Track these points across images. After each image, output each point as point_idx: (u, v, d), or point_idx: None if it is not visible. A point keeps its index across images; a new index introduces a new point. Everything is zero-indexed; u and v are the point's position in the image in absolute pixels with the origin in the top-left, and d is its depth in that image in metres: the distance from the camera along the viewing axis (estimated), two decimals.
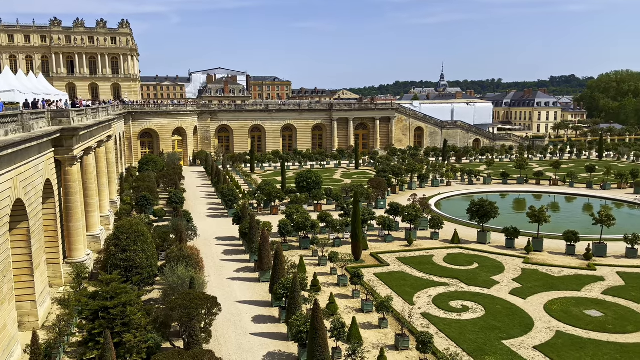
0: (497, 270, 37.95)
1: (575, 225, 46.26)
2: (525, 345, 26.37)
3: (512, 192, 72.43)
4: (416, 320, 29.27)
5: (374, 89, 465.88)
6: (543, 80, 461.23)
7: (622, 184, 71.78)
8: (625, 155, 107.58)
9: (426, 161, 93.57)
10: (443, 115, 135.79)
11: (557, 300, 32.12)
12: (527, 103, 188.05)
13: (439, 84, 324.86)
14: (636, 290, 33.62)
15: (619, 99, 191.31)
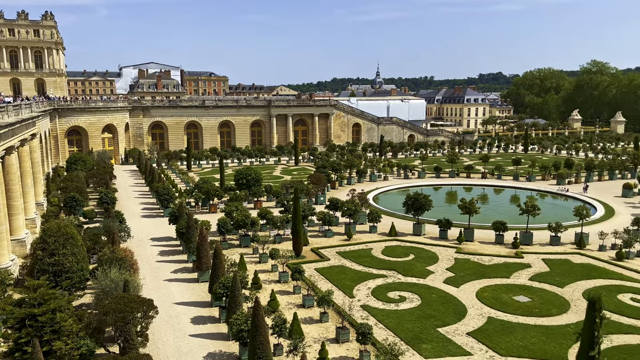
0: (432, 260, 39.36)
1: (504, 216, 48.74)
2: (459, 332, 27.55)
3: (445, 185, 75.26)
4: (356, 312, 29.80)
5: (312, 86, 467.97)
6: (472, 78, 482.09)
7: (546, 176, 76.44)
8: (548, 149, 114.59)
9: (364, 156, 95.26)
10: (379, 111, 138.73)
11: (488, 287, 33.77)
12: (458, 100, 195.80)
13: (375, 81, 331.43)
14: (560, 276, 35.96)
15: (542, 95, 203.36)
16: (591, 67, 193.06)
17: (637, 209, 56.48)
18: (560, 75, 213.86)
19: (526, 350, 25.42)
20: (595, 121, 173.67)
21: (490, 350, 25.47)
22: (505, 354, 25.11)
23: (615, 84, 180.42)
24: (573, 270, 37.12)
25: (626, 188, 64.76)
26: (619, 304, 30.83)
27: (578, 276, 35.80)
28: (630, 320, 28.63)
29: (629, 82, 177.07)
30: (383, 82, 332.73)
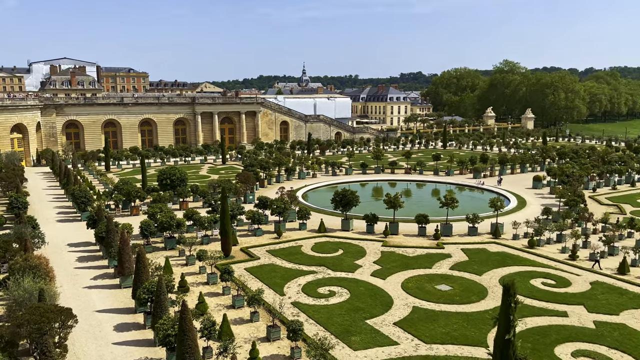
0: (360, 254, 40.27)
1: (426, 209, 50.78)
2: (386, 323, 28.43)
3: (371, 181, 77.21)
4: (287, 310, 29.87)
5: (238, 83, 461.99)
6: (394, 77, 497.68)
7: (464, 170, 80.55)
8: (465, 144, 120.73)
9: (292, 154, 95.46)
10: (306, 109, 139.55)
11: (412, 278, 35.09)
12: (381, 98, 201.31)
13: (301, 79, 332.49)
14: (478, 264, 38.07)
15: (459, 94, 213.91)
16: (503, 67, 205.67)
17: (546, 200, 60.95)
18: (475, 74, 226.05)
19: (449, 336, 26.71)
20: (508, 118, 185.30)
21: (415, 339, 26.51)
22: (429, 341, 26.24)
23: (525, 82, 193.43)
24: (490, 258, 39.43)
25: (536, 180, 69.68)
26: (532, 289, 33.15)
27: (494, 264, 38.06)
28: (542, 303, 30.87)
29: (537, 81, 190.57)
30: (309, 80, 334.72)
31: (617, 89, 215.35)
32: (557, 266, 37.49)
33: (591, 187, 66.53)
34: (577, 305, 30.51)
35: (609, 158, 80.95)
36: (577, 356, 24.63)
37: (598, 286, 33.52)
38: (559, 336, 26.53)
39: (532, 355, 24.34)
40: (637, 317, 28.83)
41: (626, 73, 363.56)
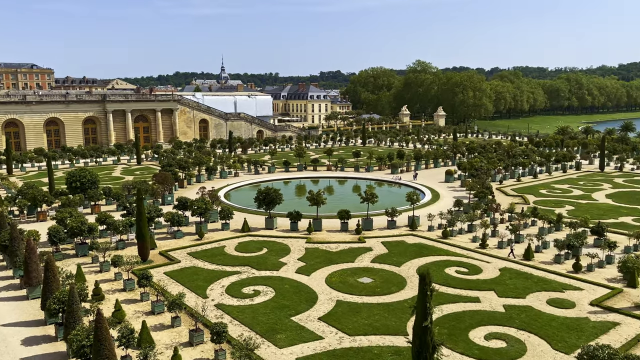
0: (284, 252, 40.33)
1: (347, 205, 51.79)
2: (311, 318, 28.72)
3: (294, 179, 77.53)
4: (210, 312, 29.27)
5: (152, 79, 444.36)
6: (314, 75, 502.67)
7: (382, 166, 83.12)
8: (383, 141, 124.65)
9: (213, 153, 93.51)
10: (226, 107, 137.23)
11: (336, 272, 35.71)
12: (302, 96, 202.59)
13: (220, 76, 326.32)
14: (397, 256, 39.46)
15: (376, 92, 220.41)
16: (416, 67, 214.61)
17: (458, 192, 64.41)
18: (390, 73, 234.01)
19: (371, 327, 27.50)
20: (422, 115, 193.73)
21: (339, 332, 27.02)
22: (352, 333, 26.86)
23: (436, 82, 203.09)
24: (408, 250, 41.05)
25: (448, 174, 73.44)
26: (447, 277, 34.92)
27: (412, 255, 39.67)
28: (456, 290, 32.62)
29: (447, 80, 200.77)
30: (229, 78, 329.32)
31: (520, 87, 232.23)
32: (469, 255, 39.78)
33: (498, 180, 71.24)
34: (488, 291, 32.55)
35: (514, 152, 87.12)
36: (489, 339, 26.28)
37: (506, 272, 35.98)
38: (472, 321, 28.19)
39: (448, 340, 25.68)
40: (542, 299, 31.28)
41: (527, 72, 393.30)
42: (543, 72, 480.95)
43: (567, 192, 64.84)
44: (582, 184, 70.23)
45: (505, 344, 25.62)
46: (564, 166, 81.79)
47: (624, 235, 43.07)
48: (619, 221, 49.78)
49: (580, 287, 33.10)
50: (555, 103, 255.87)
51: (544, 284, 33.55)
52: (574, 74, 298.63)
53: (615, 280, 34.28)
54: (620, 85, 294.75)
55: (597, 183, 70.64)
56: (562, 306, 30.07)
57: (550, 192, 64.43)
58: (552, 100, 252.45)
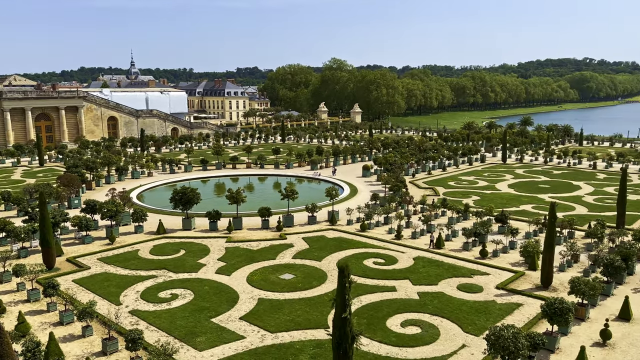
0: (203, 253, 39.42)
1: (268, 202, 51.71)
2: (232, 318, 28.35)
3: (213, 177, 75.92)
4: (125, 319, 27.96)
5: (55, 75, 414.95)
6: (231, 71, 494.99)
7: (302, 163, 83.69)
8: (302, 138, 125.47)
9: (124, 152, 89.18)
10: (138, 104, 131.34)
11: (257, 271, 35.49)
12: (219, 92, 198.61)
13: (130, 72, 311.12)
14: (318, 251, 39.95)
15: (294, 89, 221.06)
16: (332, 64, 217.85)
17: (374, 186, 66.38)
18: (307, 71, 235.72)
19: (293, 323, 27.66)
20: (339, 112, 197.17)
21: (261, 330, 26.92)
22: (274, 330, 26.87)
23: (352, 79, 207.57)
24: (328, 244, 41.72)
25: (365, 169, 75.45)
26: (365, 269, 35.92)
27: (332, 249, 40.37)
28: (374, 281, 33.65)
29: (362, 77, 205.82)
30: (139, 73, 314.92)
31: (429, 85, 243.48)
32: (386, 246, 41.20)
33: (411, 173, 74.32)
34: (403, 279, 33.92)
35: (424, 147, 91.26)
36: (405, 325, 27.41)
37: (420, 261, 37.68)
38: (389, 309, 29.25)
39: (367, 329, 26.46)
40: (452, 285, 33.09)
41: (436, 71, 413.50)
42: (450, 70, 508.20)
43: (473, 183, 69.05)
44: (486, 175, 75.10)
45: (420, 330, 26.86)
46: (470, 159, 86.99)
47: (525, 222, 46.62)
48: (520, 209, 53.83)
49: (487, 272, 35.41)
50: (461, 100, 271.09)
51: (454, 271, 35.55)
52: (478, 72, 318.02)
53: (518, 264, 37.05)
54: (519, 83, 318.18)
55: (500, 174, 75.87)
56: (471, 291, 32.03)
57: (458, 184, 68.28)
58: (458, 97, 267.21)
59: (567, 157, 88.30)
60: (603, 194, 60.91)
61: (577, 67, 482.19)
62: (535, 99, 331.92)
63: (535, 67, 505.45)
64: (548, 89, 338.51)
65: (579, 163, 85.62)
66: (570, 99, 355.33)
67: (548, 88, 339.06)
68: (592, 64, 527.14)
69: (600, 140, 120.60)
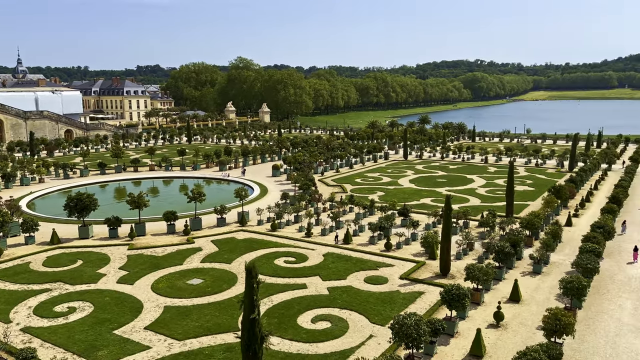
0: (103, 262, 37.21)
1: (174, 205, 49.92)
2: (136, 329, 27.04)
3: (112, 182, 71.85)
4: (15, 338, 25.64)
5: None
6: (130, 69, 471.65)
7: (210, 164, 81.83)
8: (210, 138, 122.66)
9: (11, 157, 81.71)
10: (26, 105, 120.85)
11: (163, 278, 34.16)
12: (117, 92, 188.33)
13: (16, 70, 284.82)
14: (227, 253, 39.29)
15: (199, 88, 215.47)
16: (238, 63, 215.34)
17: (284, 185, 66.60)
18: (213, 69, 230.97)
19: (202, 328, 26.97)
20: (247, 112, 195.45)
21: (168, 339, 25.95)
22: (182, 338, 26.02)
23: (259, 79, 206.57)
24: (238, 246, 41.20)
25: (275, 168, 75.46)
26: (276, 268, 35.94)
27: (243, 250, 39.93)
28: (285, 280, 33.78)
29: (269, 77, 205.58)
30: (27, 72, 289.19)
31: (335, 85, 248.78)
32: (297, 244, 41.53)
33: (320, 172, 75.55)
34: (314, 276, 34.39)
35: (332, 145, 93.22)
36: (315, 321, 27.82)
37: (329, 257, 38.42)
38: (300, 306, 29.53)
39: (278, 328, 26.52)
40: (360, 278, 34.12)
41: (341, 72, 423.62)
42: (355, 71, 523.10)
43: (378, 179, 71.72)
44: (390, 171, 78.34)
45: (330, 324, 27.41)
46: (375, 157, 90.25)
47: (425, 215, 49.27)
48: (421, 202, 56.78)
49: (391, 263, 36.95)
50: (366, 100, 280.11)
51: (361, 264, 36.69)
52: (380, 73, 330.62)
53: (419, 255, 39.05)
54: (418, 83, 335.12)
55: (402, 170, 79.50)
56: (377, 282, 33.26)
57: (364, 181, 70.57)
58: (363, 97, 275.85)
59: (461, 152, 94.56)
60: (494, 186, 66.00)
61: (470, 68, 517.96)
62: (433, 99, 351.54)
63: (432, 68, 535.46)
64: (444, 89, 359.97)
65: (472, 158, 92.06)
66: (464, 98, 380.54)
67: (444, 88, 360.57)
68: (483, 65, 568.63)
69: (491, 136, 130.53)
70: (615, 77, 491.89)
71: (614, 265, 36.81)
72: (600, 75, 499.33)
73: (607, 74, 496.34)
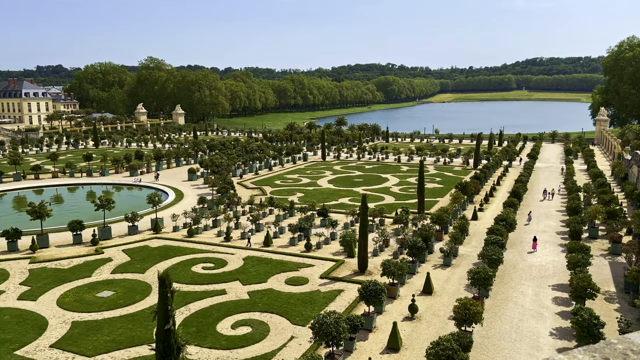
0: (1, 278, 34.13)
1: (81, 214, 46.93)
2: (41, 348, 25.04)
3: (10, 191, 66.17)
4: None
5: None
6: (30, 70, 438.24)
7: (119, 169, 77.80)
8: (119, 142, 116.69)
9: None
10: None
11: (69, 292, 31.95)
12: (14, 94, 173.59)
13: None
14: (140, 262, 37.55)
15: (107, 90, 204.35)
16: (149, 63, 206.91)
17: (201, 190, 64.91)
18: (121, 69, 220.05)
19: (114, 343, 25.53)
20: (160, 114, 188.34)
21: (77, 356, 24.28)
22: (93, 354, 24.47)
23: (172, 79, 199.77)
24: (152, 254, 39.52)
25: (191, 172, 73.34)
26: (194, 275, 34.90)
27: (157, 259, 38.36)
28: (203, 287, 32.88)
29: (182, 78, 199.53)
30: None
31: (252, 87, 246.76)
32: (215, 249, 40.62)
33: (239, 174, 74.54)
34: (234, 281, 33.80)
35: (250, 147, 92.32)
36: (236, 327, 27.34)
37: (249, 260, 37.97)
38: (219, 313, 28.89)
39: (196, 337, 25.75)
40: (281, 280, 34.04)
41: (258, 73, 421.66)
42: (272, 73, 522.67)
43: (297, 181, 72.08)
44: (309, 172, 79.04)
45: (250, 329, 27.06)
46: (294, 158, 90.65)
47: (343, 214, 50.22)
48: (339, 202, 57.82)
49: (312, 263, 37.25)
50: (283, 101, 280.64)
51: (282, 266, 36.64)
52: (297, 76, 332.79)
53: (338, 253, 39.71)
54: (334, 86, 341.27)
55: (321, 171, 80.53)
56: (298, 283, 33.38)
57: (283, 182, 70.61)
58: (281, 99, 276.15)
59: (376, 153, 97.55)
60: (407, 184, 68.75)
61: (382, 71, 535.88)
62: (348, 101, 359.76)
63: (347, 71, 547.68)
64: (358, 92, 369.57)
65: (387, 158, 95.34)
66: (377, 100, 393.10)
67: (358, 90, 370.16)
68: (394, 69, 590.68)
69: (403, 137, 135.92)
70: (514, 79, 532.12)
71: (516, 255, 39.71)
72: (501, 78, 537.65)
73: (507, 77, 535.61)
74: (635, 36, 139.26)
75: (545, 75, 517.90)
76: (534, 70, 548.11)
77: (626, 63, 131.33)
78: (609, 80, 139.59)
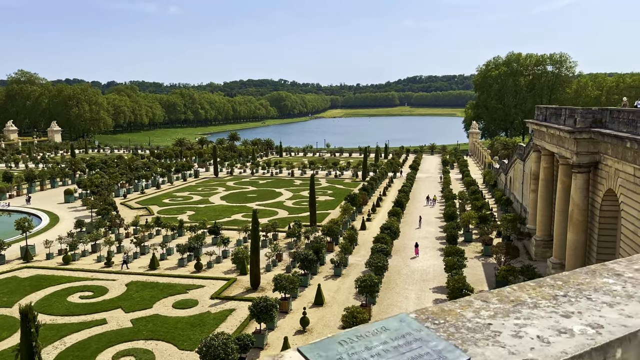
0: None
1: None
2: None
3: None
4: None
5: None
6: None
7: None
8: None
9: None
10: None
11: None
12: None
13: None
14: (7, 295, 33.80)
15: None
16: (20, 77, 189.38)
17: (79, 212, 60.20)
18: None
19: None
20: (33, 131, 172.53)
21: None
22: None
23: (46, 94, 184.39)
24: (21, 285, 35.80)
25: (67, 194, 67.79)
26: (70, 306, 32.12)
27: (28, 290, 34.84)
28: (81, 318, 30.37)
29: (59, 92, 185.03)
30: None
31: (138, 101, 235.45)
32: (95, 276, 37.82)
33: (122, 194, 70.36)
34: (115, 309, 31.64)
35: (135, 165, 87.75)
36: (117, 358, 25.55)
37: (133, 286, 35.82)
38: (99, 345, 26.82)
39: None
40: (168, 304, 32.51)
41: (144, 87, 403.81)
42: (159, 87, 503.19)
43: (188, 198, 69.76)
44: (200, 189, 76.91)
45: (134, 359, 25.45)
46: (184, 175, 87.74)
47: (236, 231, 49.45)
48: (232, 219, 56.88)
49: (202, 284, 36.10)
50: (173, 117, 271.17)
51: (169, 290, 35.04)
52: (187, 90, 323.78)
53: (230, 272, 38.95)
54: (226, 101, 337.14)
55: (213, 187, 78.76)
56: (187, 306, 32.12)
57: (172, 201, 67.93)
58: (170, 114, 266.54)
59: (270, 167, 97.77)
60: (300, 198, 69.61)
61: (275, 87, 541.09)
62: (242, 116, 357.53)
63: (240, 86, 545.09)
64: (252, 107, 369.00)
65: (280, 172, 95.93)
66: (271, 115, 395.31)
67: (251, 106, 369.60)
68: (286, 85, 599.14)
69: (296, 151, 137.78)
70: (397, 96, 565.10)
71: (401, 261, 41.83)
72: (385, 94, 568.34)
73: (391, 94, 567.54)
74: (499, 56, 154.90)
75: (425, 92, 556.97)
76: (415, 88, 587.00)
77: (492, 80, 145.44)
78: (479, 96, 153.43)
